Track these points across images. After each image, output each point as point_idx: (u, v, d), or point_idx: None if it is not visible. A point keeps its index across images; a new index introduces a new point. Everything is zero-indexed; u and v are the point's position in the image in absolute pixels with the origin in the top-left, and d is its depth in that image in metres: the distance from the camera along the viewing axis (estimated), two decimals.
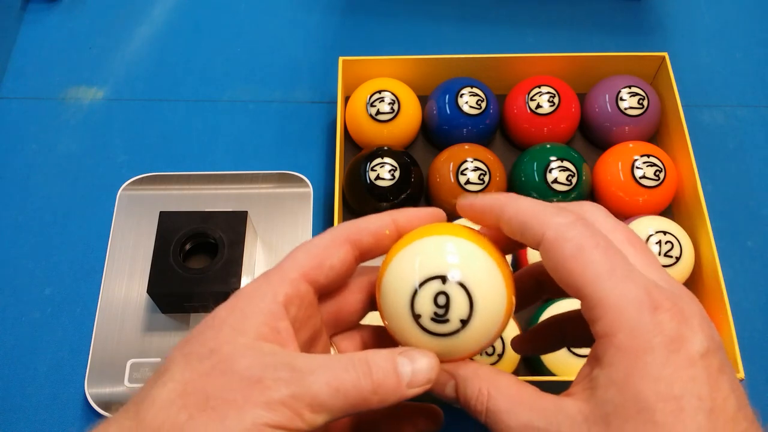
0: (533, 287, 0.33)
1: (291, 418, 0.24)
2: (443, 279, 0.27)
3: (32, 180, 0.60)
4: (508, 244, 0.30)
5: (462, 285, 0.27)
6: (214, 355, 0.25)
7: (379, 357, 0.26)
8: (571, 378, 0.25)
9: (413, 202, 0.55)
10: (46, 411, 0.50)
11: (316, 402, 0.25)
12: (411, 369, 0.27)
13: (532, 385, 0.27)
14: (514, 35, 0.69)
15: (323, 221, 0.58)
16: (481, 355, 0.46)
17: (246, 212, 0.52)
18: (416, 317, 0.27)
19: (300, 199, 0.58)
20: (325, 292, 0.30)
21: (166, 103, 0.65)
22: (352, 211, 0.56)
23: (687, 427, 0.23)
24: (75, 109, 0.64)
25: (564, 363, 0.46)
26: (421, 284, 0.27)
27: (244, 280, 0.50)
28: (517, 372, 0.49)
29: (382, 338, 0.32)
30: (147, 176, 0.59)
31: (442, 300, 0.27)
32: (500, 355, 0.46)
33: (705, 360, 0.24)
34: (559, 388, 0.47)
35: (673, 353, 0.23)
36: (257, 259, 0.55)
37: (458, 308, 0.27)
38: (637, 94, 0.57)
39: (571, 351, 0.46)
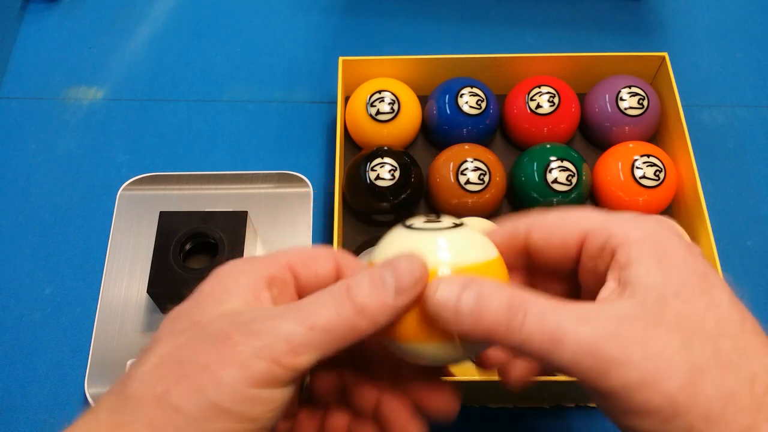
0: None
1: (268, 369, 0.24)
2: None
3: (32, 180, 0.60)
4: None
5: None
6: (193, 327, 0.26)
7: (358, 276, 0.25)
8: (572, 378, 0.25)
9: (413, 202, 0.55)
10: (46, 411, 0.50)
11: (294, 345, 0.24)
12: (393, 273, 0.25)
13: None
14: (514, 35, 0.69)
15: (323, 221, 0.58)
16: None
17: (246, 212, 0.52)
18: (408, 226, 0.28)
19: (300, 199, 0.58)
20: (301, 295, 0.29)
21: (166, 103, 0.65)
22: (352, 211, 0.56)
23: (726, 298, 0.25)
24: (75, 109, 0.64)
25: None
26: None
27: None
28: None
29: None
30: (147, 176, 0.59)
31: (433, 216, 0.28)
32: None
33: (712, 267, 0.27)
34: (558, 387, 0.47)
35: (690, 252, 0.26)
36: None
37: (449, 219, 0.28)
38: (637, 94, 0.57)
39: None
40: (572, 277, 0.30)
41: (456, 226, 0.27)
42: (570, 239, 0.28)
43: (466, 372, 0.47)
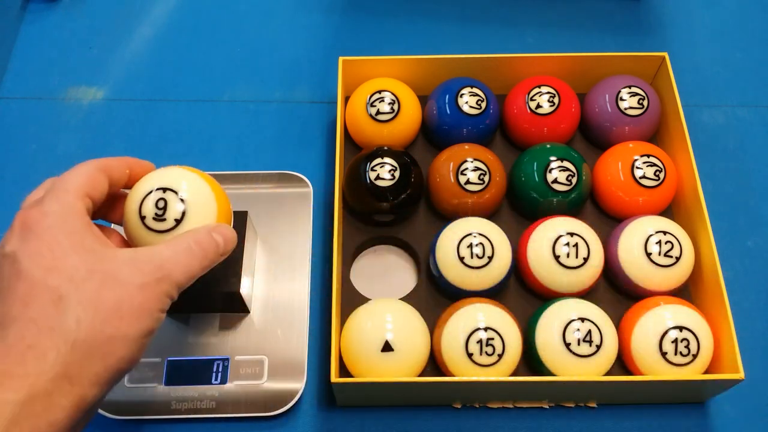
0: None
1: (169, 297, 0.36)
2: (164, 189, 0.39)
3: (32, 180, 0.60)
4: None
5: (176, 193, 0.39)
6: (96, 274, 0.34)
7: (203, 237, 0.38)
8: (572, 378, 0.25)
9: (413, 202, 0.55)
10: None
11: (179, 287, 0.37)
12: (223, 240, 0.40)
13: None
14: (514, 35, 0.69)
15: (323, 221, 0.58)
16: (480, 354, 0.46)
17: (246, 212, 0.52)
18: (142, 218, 0.39)
19: (300, 199, 0.58)
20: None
21: (166, 103, 0.65)
22: (352, 211, 0.56)
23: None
24: (75, 109, 0.64)
25: (563, 363, 0.46)
26: (147, 194, 0.39)
27: (244, 281, 0.50)
28: (516, 372, 0.49)
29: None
30: None
31: (161, 204, 0.39)
32: (500, 355, 0.46)
33: None
34: (559, 388, 0.47)
35: None
36: (257, 259, 0.55)
37: (173, 211, 0.39)
38: (637, 94, 0.57)
39: (570, 351, 0.46)
40: None
41: (177, 222, 0.39)
42: None
43: (466, 372, 0.47)
